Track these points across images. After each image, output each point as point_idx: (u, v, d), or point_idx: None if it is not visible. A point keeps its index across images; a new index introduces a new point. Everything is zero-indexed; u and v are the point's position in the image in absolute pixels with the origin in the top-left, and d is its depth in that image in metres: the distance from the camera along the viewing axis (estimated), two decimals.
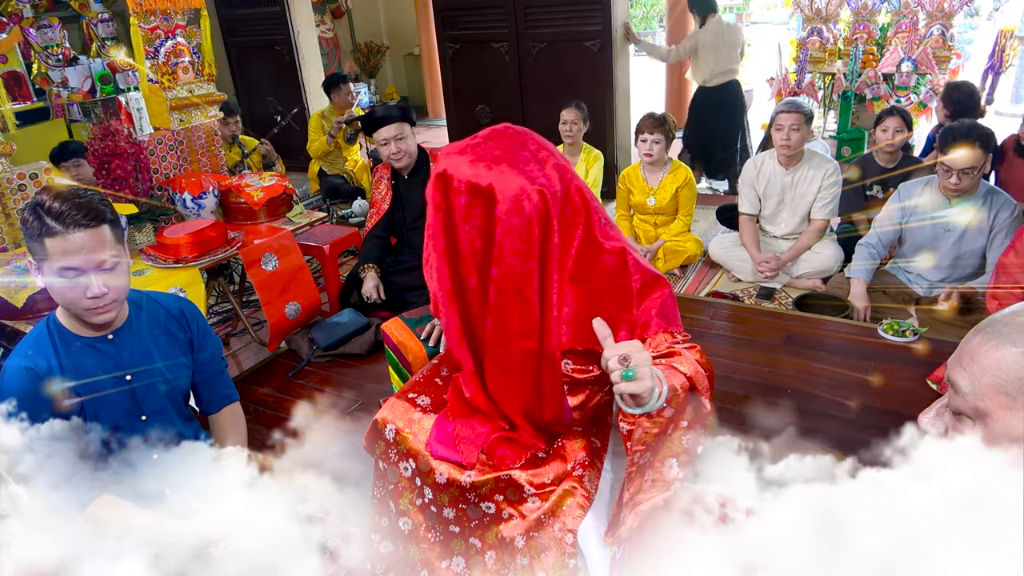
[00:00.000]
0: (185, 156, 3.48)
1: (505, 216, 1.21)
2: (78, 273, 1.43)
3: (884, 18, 5.54)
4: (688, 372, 1.26)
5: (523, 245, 1.23)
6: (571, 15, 4.97)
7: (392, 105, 3.69)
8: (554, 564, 1.37)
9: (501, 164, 1.23)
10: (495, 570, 1.46)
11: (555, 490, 1.40)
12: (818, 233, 3.57)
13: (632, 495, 1.28)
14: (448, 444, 1.48)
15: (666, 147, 3.82)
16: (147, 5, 3.23)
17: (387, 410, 1.59)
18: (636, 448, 1.23)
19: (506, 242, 1.22)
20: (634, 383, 1.11)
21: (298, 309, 3.17)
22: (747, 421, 2.40)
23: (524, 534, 1.40)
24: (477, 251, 1.27)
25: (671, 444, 1.29)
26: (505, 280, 1.25)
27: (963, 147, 2.72)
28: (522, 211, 1.21)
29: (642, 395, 1.13)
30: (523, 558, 1.40)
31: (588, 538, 1.37)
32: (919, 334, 2.76)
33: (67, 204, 1.40)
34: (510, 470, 1.43)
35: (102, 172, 2.94)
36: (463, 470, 1.45)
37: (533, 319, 1.29)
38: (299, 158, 5.81)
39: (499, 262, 1.24)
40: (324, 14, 8.32)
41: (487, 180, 1.21)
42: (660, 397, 1.16)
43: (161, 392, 1.66)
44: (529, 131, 1.34)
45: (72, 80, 4.13)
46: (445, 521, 1.51)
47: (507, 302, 1.27)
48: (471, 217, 1.24)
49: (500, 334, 1.31)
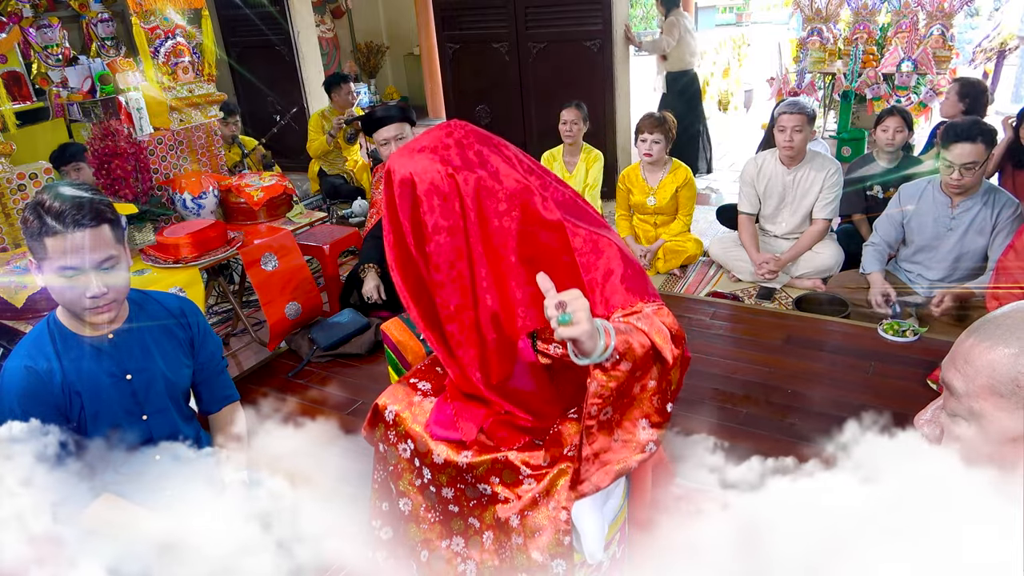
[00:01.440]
0: (185, 156, 3.49)
1: (424, 196, 1.32)
2: (78, 272, 1.43)
3: (884, 18, 5.53)
4: (645, 327, 1.29)
5: (448, 222, 1.33)
6: (571, 15, 4.97)
7: (392, 105, 3.69)
8: (549, 543, 1.39)
9: (424, 152, 1.34)
10: (493, 550, 1.48)
11: (550, 472, 1.42)
12: (819, 234, 3.57)
13: (596, 452, 1.32)
14: (447, 425, 1.52)
15: (666, 147, 3.82)
16: (147, 5, 3.23)
17: (387, 395, 1.63)
18: (593, 401, 1.27)
19: (430, 220, 1.33)
20: (571, 328, 1.14)
21: (298, 309, 3.17)
22: (747, 421, 2.41)
23: (519, 514, 1.42)
24: (413, 234, 1.37)
25: (640, 404, 1.33)
26: (438, 256, 1.35)
27: (965, 142, 2.72)
28: (439, 190, 1.32)
29: (582, 341, 1.16)
30: (518, 537, 1.42)
31: (582, 516, 1.39)
32: (919, 334, 2.77)
33: (68, 203, 1.40)
34: (507, 452, 1.46)
35: (102, 172, 2.94)
36: (460, 450, 1.48)
37: (467, 291, 1.37)
38: (299, 158, 5.82)
39: (430, 240, 1.34)
40: (324, 14, 8.32)
41: (409, 169, 1.33)
42: (608, 349, 1.20)
43: (161, 391, 1.66)
44: (467, 124, 1.42)
45: (72, 80, 4.12)
46: (444, 501, 1.53)
47: (444, 278, 1.36)
48: (403, 205, 1.35)
49: (446, 309, 1.39)
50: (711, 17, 15.74)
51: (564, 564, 1.40)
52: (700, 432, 2.03)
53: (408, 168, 1.33)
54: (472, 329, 1.40)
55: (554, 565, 1.40)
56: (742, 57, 8.89)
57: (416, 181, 1.32)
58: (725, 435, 2.24)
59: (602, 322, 1.22)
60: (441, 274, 1.36)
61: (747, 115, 8.10)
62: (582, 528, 1.39)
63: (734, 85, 8.54)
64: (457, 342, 1.41)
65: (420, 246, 1.37)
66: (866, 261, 3.17)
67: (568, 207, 1.42)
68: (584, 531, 1.39)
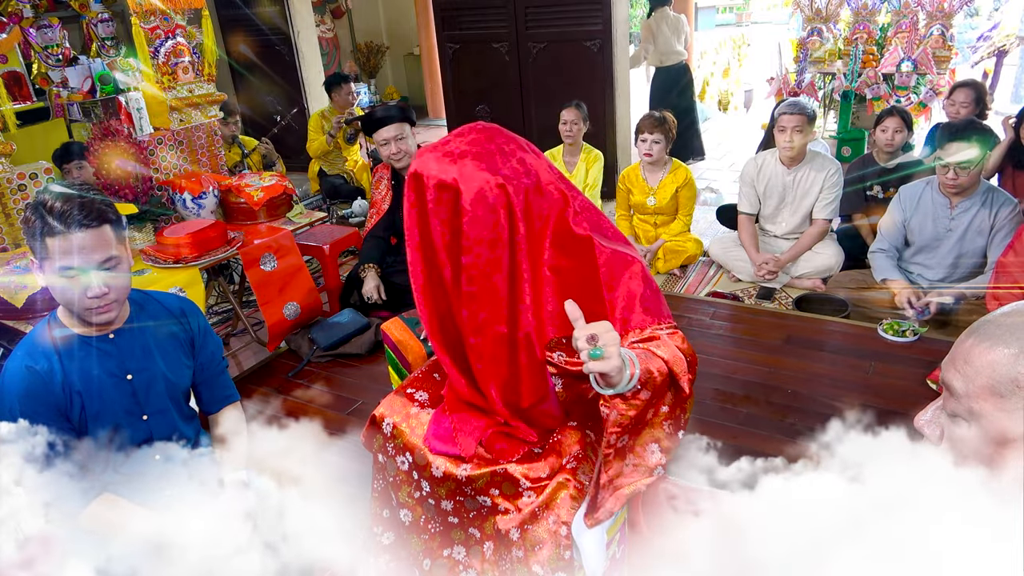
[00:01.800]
0: (185, 156, 3.49)
1: (470, 207, 1.27)
2: (79, 272, 1.43)
3: (884, 18, 5.53)
4: (666, 356, 1.28)
5: (490, 234, 1.28)
6: (571, 15, 4.97)
7: (392, 105, 3.69)
8: (549, 557, 1.38)
9: (466, 158, 1.29)
10: (494, 560, 1.48)
11: (549, 483, 1.42)
12: (820, 234, 3.57)
13: (611, 478, 1.31)
14: (445, 439, 1.50)
15: (666, 147, 3.82)
16: (147, 5, 3.23)
17: (385, 406, 1.61)
18: (612, 430, 1.26)
19: (472, 232, 1.28)
20: (601, 362, 1.13)
21: (297, 309, 3.17)
22: (747, 421, 2.41)
23: (519, 527, 1.41)
24: (448, 243, 1.32)
25: (652, 429, 1.32)
26: (474, 269, 1.30)
27: (959, 142, 2.73)
28: (485, 201, 1.27)
29: (611, 375, 1.15)
30: (518, 551, 1.41)
31: (582, 534, 1.38)
32: (919, 334, 2.76)
33: (69, 204, 1.41)
34: (506, 464, 1.44)
35: (102, 172, 2.94)
36: (459, 463, 1.47)
37: (502, 306, 1.33)
38: (299, 158, 5.82)
39: (468, 251, 1.30)
40: (324, 14, 8.32)
41: (452, 175, 1.28)
42: (633, 379, 1.19)
43: (162, 392, 1.66)
44: (500, 128, 1.40)
45: (72, 80, 4.12)
46: (443, 513, 1.52)
47: (477, 290, 1.32)
48: (440, 211, 1.30)
49: (473, 322, 1.35)
50: (711, 17, 15.72)
51: None
52: (700, 432, 2.03)
53: (450, 174, 1.28)
54: (502, 346, 1.36)
55: None
56: (742, 57, 8.89)
57: (462, 189, 1.27)
58: (725, 435, 2.24)
59: (627, 352, 1.20)
60: (475, 286, 1.31)
61: (747, 115, 8.10)
62: (582, 546, 1.38)
63: (734, 85, 8.54)
64: (479, 355, 1.38)
65: (454, 255, 1.32)
66: (880, 268, 3.13)
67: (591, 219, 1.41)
68: (584, 549, 1.38)
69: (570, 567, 1.38)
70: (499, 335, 1.35)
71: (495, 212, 1.28)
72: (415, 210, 1.35)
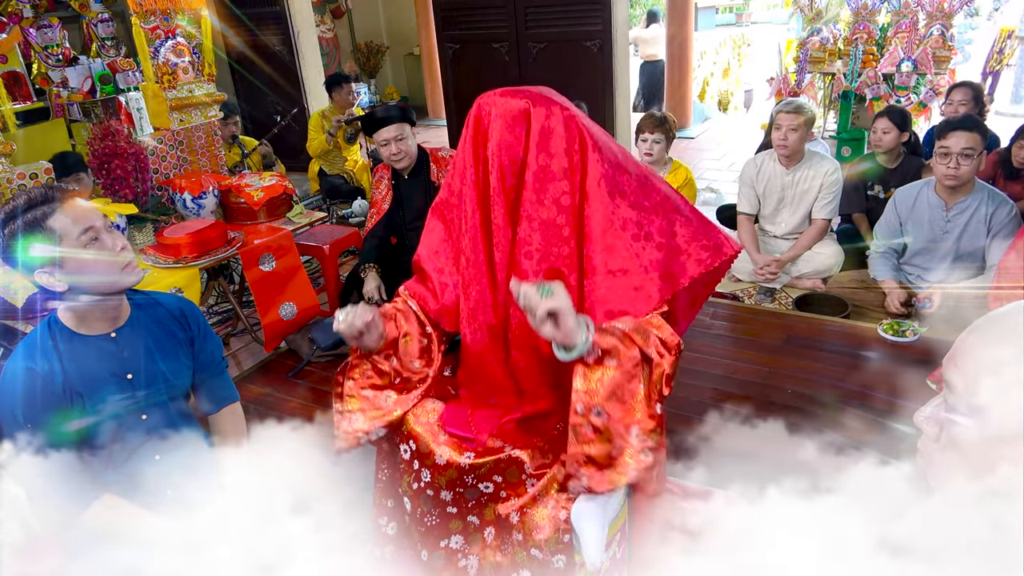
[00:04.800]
0: (185, 156, 3.49)
1: (545, 120, 1.35)
2: (96, 233, 1.47)
3: (884, 18, 5.53)
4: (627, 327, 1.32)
5: (565, 145, 1.36)
6: (571, 15, 4.97)
7: (392, 105, 3.68)
8: (548, 541, 1.40)
9: (531, 93, 1.39)
10: (496, 545, 1.49)
11: (549, 471, 1.43)
12: (819, 234, 3.57)
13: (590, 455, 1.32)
14: (460, 425, 1.53)
15: (666, 147, 3.81)
16: (147, 5, 3.23)
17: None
18: (578, 397, 1.29)
19: (541, 142, 1.36)
20: (551, 299, 1.19)
21: (293, 310, 3.17)
22: (747, 421, 2.41)
23: (519, 511, 1.43)
24: (516, 160, 1.38)
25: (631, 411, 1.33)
26: (539, 181, 1.38)
27: (961, 131, 2.73)
28: (555, 115, 1.36)
29: (564, 316, 1.20)
30: (518, 534, 1.43)
31: (583, 522, 1.39)
32: (919, 334, 2.76)
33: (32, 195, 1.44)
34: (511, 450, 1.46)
35: (102, 172, 2.94)
36: (463, 451, 1.48)
37: (565, 232, 1.40)
38: (299, 158, 5.82)
39: (531, 166, 1.37)
40: (324, 14, 8.32)
41: (523, 102, 1.37)
42: (588, 340, 1.24)
43: (162, 392, 1.66)
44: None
45: (72, 80, 4.12)
46: (442, 503, 1.53)
47: (549, 215, 1.39)
48: (514, 129, 1.37)
49: (525, 245, 1.41)
50: (711, 17, 15.70)
51: (564, 559, 1.40)
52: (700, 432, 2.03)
53: (522, 102, 1.36)
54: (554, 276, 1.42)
55: (555, 561, 1.41)
56: (742, 57, 8.88)
57: (533, 110, 1.36)
58: (725, 435, 2.24)
59: (584, 317, 1.26)
60: (547, 211, 1.38)
61: (747, 115, 8.10)
62: (582, 534, 1.39)
63: (734, 85, 8.54)
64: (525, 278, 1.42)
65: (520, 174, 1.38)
66: (876, 268, 3.14)
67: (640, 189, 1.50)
68: (584, 537, 1.39)
69: (569, 549, 1.40)
70: (556, 269, 1.41)
71: (568, 127, 1.36)
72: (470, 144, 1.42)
